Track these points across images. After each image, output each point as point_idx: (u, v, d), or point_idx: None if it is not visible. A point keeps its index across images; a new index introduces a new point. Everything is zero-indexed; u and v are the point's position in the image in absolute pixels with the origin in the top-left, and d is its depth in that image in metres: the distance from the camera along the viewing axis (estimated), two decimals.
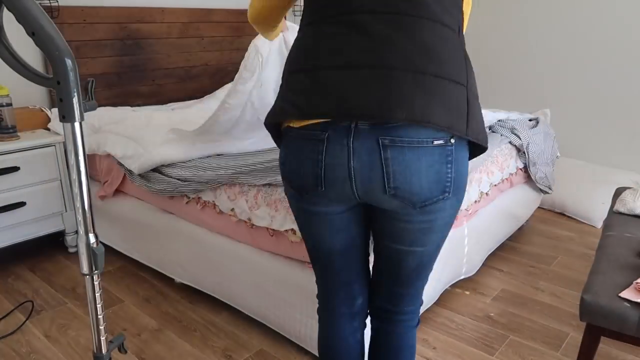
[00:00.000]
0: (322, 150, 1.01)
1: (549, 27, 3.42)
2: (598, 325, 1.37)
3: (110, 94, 2.98)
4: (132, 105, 3.05)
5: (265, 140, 2.22)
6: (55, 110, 2.59)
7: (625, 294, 1.34)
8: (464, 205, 2.05)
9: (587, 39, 3.28)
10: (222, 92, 3.24)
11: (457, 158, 1.01)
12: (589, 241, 2.74)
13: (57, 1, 2.63)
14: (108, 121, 2.59)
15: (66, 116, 1.00)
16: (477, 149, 1.09)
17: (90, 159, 2.48)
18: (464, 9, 1.06)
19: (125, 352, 1.24)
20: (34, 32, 0.93)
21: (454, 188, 1.03)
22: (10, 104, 2.28)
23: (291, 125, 1.05)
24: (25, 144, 2.27)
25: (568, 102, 3.42)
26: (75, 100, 0.99)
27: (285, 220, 1.67)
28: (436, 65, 0.96)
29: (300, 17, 4.09)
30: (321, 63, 0.99)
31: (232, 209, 1.84)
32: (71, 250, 2.60)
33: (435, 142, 0.98)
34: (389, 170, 0.98)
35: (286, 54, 1.87)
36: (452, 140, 0.99)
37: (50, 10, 2.60)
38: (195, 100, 3.26)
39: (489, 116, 2.49)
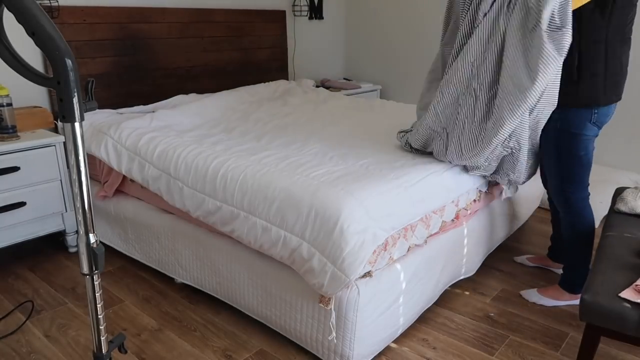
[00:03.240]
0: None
1: None
2: (598, 325, 1.37)
3: (110, 94, 2.98)
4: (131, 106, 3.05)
5: None
6: None
7: (625, 294, 1.34)
8: (462, 205, 2.05)
9: None
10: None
11: None
12: None
13: (57, 1, 2.63)
14: None
15: (66, 116, 1.00)
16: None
17: (90, 159, 2.48)
18: None
19: (125, 352, 1.24)
20: (34, 32, 0.93)
21: None
22: (10, 104, 2.28)
23: None
24: (25, 144, 2.27)
25: None
26: (75, 100, 0.99)
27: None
28: None
29: (299, 17, 4.09)
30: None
31: None
32: (71, 250, 2.60)
33: None
34: None
35: None
36: None
37: (50, 10, 2.60)
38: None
39: None
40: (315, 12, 4.22)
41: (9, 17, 1.04)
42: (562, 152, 1.91)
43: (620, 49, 1.79)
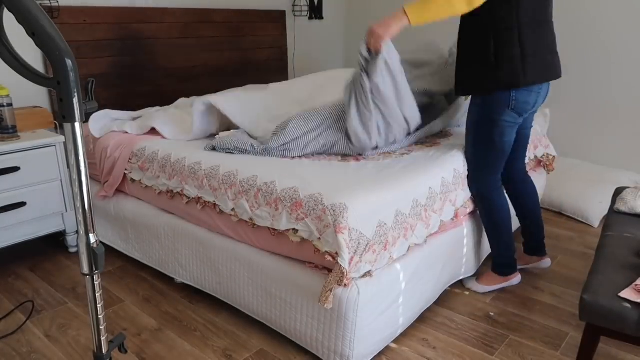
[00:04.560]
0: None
1: None
2: (598, 325, 1.38)
3: (110, 94, 2.98)
4: (133, 107, 3.05)
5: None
6: None
7: (625, 294, 1.34)
8: (460, 204, 2.05)
9: (587, 38, 3.28)
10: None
11: None
12: (588, 241, 2.74)
13: (57, 1, 2.63)
14: None
15: (66, 116, 1.00)
16: None
17: (90, 158, 2.48)
18: None
19: (126, 352, 1.24)
20: (35, 32, 0.93)
21: None
22: (11, 104, 2.28)
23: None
24: (25, 144, 2.27)
25: (568, 102, 3.42)
26: (75, 100, 0.99)
27: (287, 220, 1.67)
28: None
29: (299, 17, 4.10)
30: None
31: (233, 209, 1.85)
32: (71, 250, 2.60)
33: None
34: None
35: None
36: None
37: (50, 10, 2.60)
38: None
39: None
40: (315, 12, 4.22)
41: (9, 17, 1.04)
42: (479, 138, 1.99)
43: (535, 32, 1.84)
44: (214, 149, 2.13)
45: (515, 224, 2.43)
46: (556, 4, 3.36)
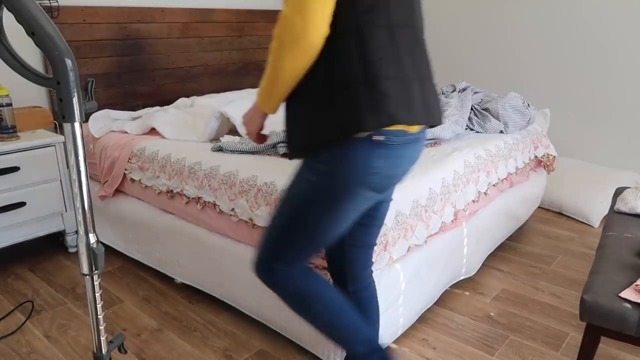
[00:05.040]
0: (419, 152, 1.18)
1: (549, 28, 3.42)
2: (598, 325, 1.37)
3: (110, 94, 2.98)
4: (132, 107, 3.05)
5: None
6: None
7: (625, 294, 1.34)
8: (461, 206, 2.05)
9: (587, 38, 3.28)
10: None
11: None
12: (588, 241, 2.74)
13: (57, 1, 2.63)
14: None
15: (66, 116, 1.00)
16: None
17: (90, 158, 2.48)
18: None
19: (125, 352, 1.24)
20: (34, 32, 0.93)
21: None
22: (10, 104, 2.28)
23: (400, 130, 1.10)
24: (25, 144, 2.27)
25: (568, 102, 3.42)
26: (75, 100, 0.99)
27: None
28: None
29: None
30: (407, 73, 1.09)
31: (233, 209, 1.85)
32: (71, 250, 2.60)
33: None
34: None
35: None
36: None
37: (50, 10, 2.60)
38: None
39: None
40: None
41: (8, 17, 1.04)
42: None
43: (390, 38, 1.07)
44: (220, 149, 2.13)
45: None
46: (556, 5, 3.38)
